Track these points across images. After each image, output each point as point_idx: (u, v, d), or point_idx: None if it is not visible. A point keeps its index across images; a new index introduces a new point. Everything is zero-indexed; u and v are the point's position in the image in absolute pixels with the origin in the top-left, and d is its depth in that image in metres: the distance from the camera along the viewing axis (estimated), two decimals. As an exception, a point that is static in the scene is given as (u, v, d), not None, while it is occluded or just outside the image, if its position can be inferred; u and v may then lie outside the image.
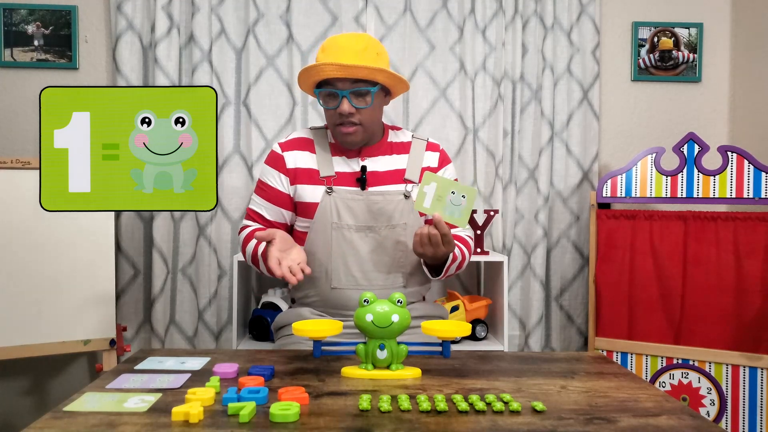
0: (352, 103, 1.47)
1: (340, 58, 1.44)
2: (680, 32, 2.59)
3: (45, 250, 1.98)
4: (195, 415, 0.89)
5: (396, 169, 1.58)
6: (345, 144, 1.55)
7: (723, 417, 2.14)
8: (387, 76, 1.48)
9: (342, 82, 1.47)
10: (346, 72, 1.44)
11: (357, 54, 1.45)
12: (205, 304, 2.39)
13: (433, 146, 1.64)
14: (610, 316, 2.27)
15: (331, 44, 1.49)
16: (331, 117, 1.52)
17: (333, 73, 1.45)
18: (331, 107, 1.50)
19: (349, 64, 1.43)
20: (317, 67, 1.45)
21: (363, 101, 1.49)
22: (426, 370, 1.17)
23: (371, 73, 1.46)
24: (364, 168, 1.55)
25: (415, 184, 1.56)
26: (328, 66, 1.44)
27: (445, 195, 1.35)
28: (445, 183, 1.35)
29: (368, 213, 1.53)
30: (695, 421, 0.93)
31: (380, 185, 1.55)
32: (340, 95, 1.47)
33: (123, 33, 2.34)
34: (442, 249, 1.39)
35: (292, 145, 1.60)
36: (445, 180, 1.36)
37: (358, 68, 1.44)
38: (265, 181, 1.60)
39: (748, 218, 2.13)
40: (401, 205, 1.54)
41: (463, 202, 1.35)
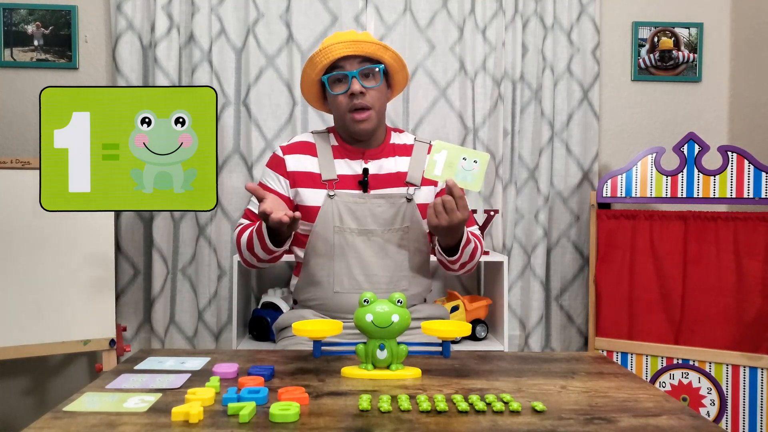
0: (361, 83, 1.49)
1: (345, 39, 1.48)
2: (680, 32, 2.59)
3: (45, 250, 1.98)
4: (195, 415, 0.89)
5: (398, 172, 1.57)
6: (358, 134, 1.54)
7: (723, 417, 2.14)
8: (392, 55, 1.52)
9: (350, 62, 1.49)
10: (354, 48, 1.47)
11: (359, 37, 1.50)
12: (205, 304, 2.39)
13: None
14: (610, 316, 2.27)
15: (331, 38, 1.52)
16: (342, 103, 1.52)
17: (341, 51, 1.47)
18: (341, 91, 1.51)
19: (356, 39, 1.47)
20: (324, 49, 1.48)
21: (372, 80, 1.51)
22: (426, 370, 1.17)
23: (378, 49, 1.49)
24: (366, 171, 1.55)
25: (417, 188, 1.56)
26: (336, 45, 1.47)
27: (457, 161, 1.32)
28: (455, 149, 1.33)
29: (370, 216, 1.52)
30: (695, 421, 0.93)
31: (382, 188, 1.55)
32: (349, 76, 1.48)
33: (123, 33, 2.34)
34: (457, 215, 1.33)
35: (293, 148, 1.60)
36: (456, 147, 1.33)
37: (366, 43, 1.48)
38: (265, 183, 1.60)
39: (748, 218, 2.13)
40: (403, 208, 1.53)
41: (475, 167, 1.32)
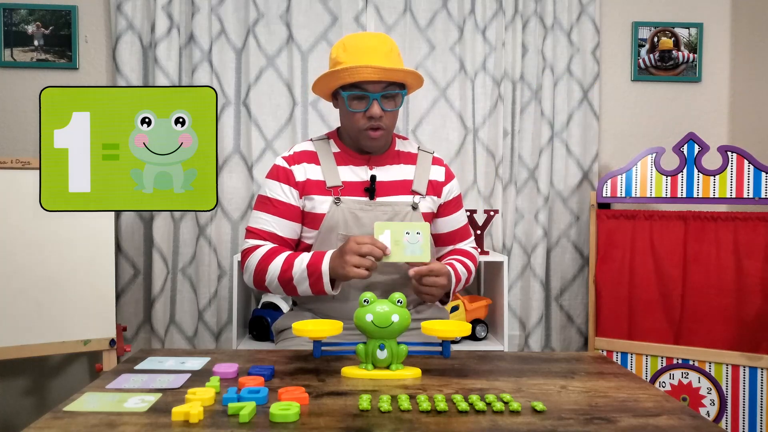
0: (382, 106, 1.45)
1: (374, 60, 1.41)
2: (680, 32, 2.59)
3: (45, 250, 1.98)
4: (195, 415, 0.89)
5: (404, 180, 1.56)
6: (369, 148, 1.53)
7: (723, 417, 2.14)
8: (415, 78, 1.47)
9: (374, 84, 1.43)
10: (384, 75, 1.42)
11: (387, 56, 1.43)
12: (205, 304, 2.39)
13: (438, 161, 1.63)
14: (610, 316, 2.27)
15: (356, 45, 1.45)
16: (358, 121, 1.47)
17: (370, 75, 1.41)
18: (360, 110, 1.46)
19: (387, 67, 1.41)
20: (353, 69, 1.40)
21: (392, 104, 1.48)
22: (426, 370, 1.17)
23: (404, 76, 1.45)
24: (373, 178, 1.53)
25: (422, 197, 1.56)
26: (365, 68, 1.40)
27: (402, 238, 1.36)
28: (397, 226, 1.36)
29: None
30: (695, 421, 0.93)
31: (389, 195, 1.53)
32: (371, 98, 1.44)
33: (123, 33, 2.34)
34: (441, 281, 1.40)
35: (298, 158, 1.55)
36: (397, 224, 1.37)
37: (396, 71, 1.42)
38: (273, 197, 1.52)
39: (748, 218, 2.13)
40: (409, 215, 1.52)
41: (419, 239, 1.36)
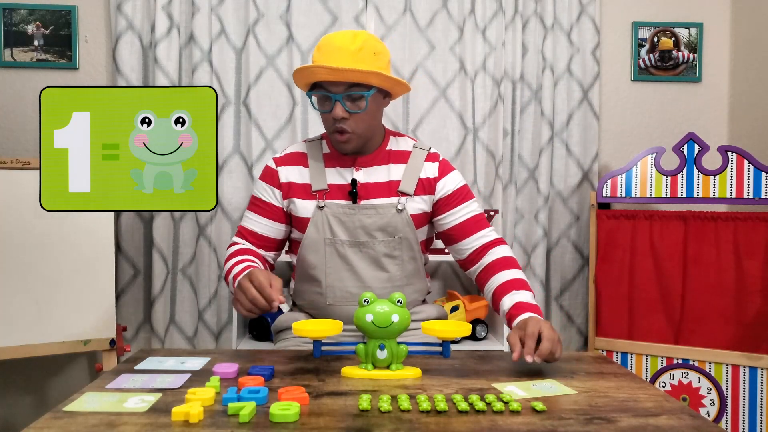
0: (345, 108, 1.40)
1: (332, 61, 1.35)
2: (680, 32, 2.59)
3: (45, 250, 1.98)
4: (195, 415, 0.89)
5: (390, 181, 1.51)
6: (340, 150, 1.50)
7: (723, 417, 2.14)
8: (382, 79, 1.39)
9: (335, 85, 1.38)
10: (337, 75, 1.36)
11: (352, 55, 1.36)
12: (205, 304, 2.39)
13: (433, 156, 1.54)
14: (610, 316, 2.27)
15: (326, 43, 1.40)
16: (326, 121, 1.46)
17: (324, 76, 1.37)
18: (326, 110, 1.43)
19: (340, 67, 1.34)
20: (309, 69, 1.37)
21: (357, 106, 1.41)
22: (426, 370, 1.17)
23: (364, 76, 1.36)
24: (354, 181, 1.49)
25: (410, 197, 1.50)
26: (320, 69, 1.35)
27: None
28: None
29: (361, 228, 1.47)
30: (695, 421, 0.93)
31: (372, 198, 1.49)
32: (333, 99, 1.40)
33: (123, 33, 2.33)
34: (550, 336, 1.18)
35: (285, 160, 1.54)
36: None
37: (350, 72, 1.35)
38: (259, 196, 1.54)
39: (748, 218, 2.13)
40: (395, 219, 1.48)
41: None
